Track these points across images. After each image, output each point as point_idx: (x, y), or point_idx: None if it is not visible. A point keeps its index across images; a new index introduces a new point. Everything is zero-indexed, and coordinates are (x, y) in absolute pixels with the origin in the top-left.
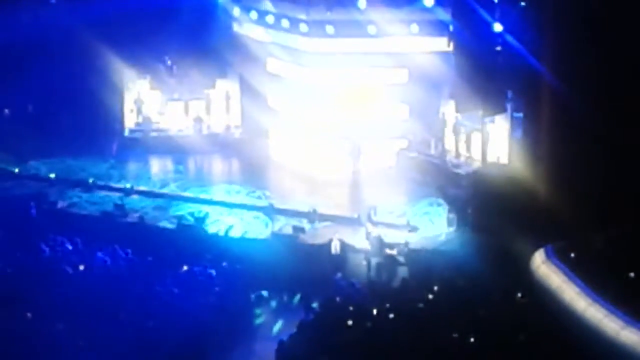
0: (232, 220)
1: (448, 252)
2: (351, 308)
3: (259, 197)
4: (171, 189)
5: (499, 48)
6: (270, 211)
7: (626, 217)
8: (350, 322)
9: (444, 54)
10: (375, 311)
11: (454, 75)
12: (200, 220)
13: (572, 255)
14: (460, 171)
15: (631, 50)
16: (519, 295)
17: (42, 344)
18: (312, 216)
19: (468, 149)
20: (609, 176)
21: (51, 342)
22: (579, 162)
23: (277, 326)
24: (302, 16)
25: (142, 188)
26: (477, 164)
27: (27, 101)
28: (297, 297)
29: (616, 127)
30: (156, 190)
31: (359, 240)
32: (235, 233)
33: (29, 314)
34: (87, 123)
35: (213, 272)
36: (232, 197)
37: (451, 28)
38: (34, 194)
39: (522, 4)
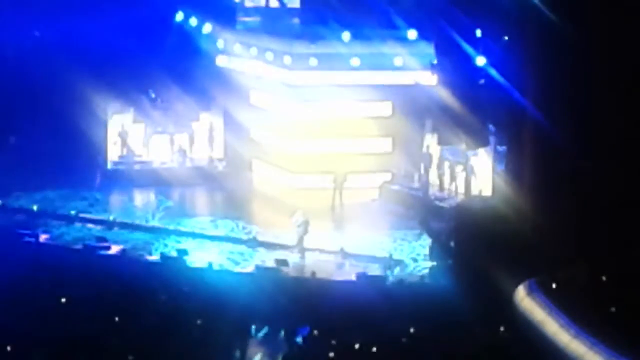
0: (215, 253)
1: (430, 286)
2: (334, 342)
3: (242, 230)
4: (154, 221)
5: (482, 81)
6: (254, 244)
7: (610, 251)
8: (332, 355)
9: (428, 87)
10: (357, 345)
11: (438, 109)
12: (183, 253)
13: (555, 288)
14: (444, 204)
15: (614, 84)
16: (502, 328)
17: None
18: (295, 249)
19: (451, 182)
20: (592, 209)
21: None
22: (562, 195)
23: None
24: (286, 49)
25: (125, 220)
26: (460, 197)
27: (10, 133)
28: (281, 330)
29: (599, 160)
30: (139, 222)
31: (341, 272)
32: (218, 266)
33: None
34: (70, 155)
35: (195, 305)
36: (215, 229)
37: (434, 61)
38: (17, 227)
39: (506, 38)
